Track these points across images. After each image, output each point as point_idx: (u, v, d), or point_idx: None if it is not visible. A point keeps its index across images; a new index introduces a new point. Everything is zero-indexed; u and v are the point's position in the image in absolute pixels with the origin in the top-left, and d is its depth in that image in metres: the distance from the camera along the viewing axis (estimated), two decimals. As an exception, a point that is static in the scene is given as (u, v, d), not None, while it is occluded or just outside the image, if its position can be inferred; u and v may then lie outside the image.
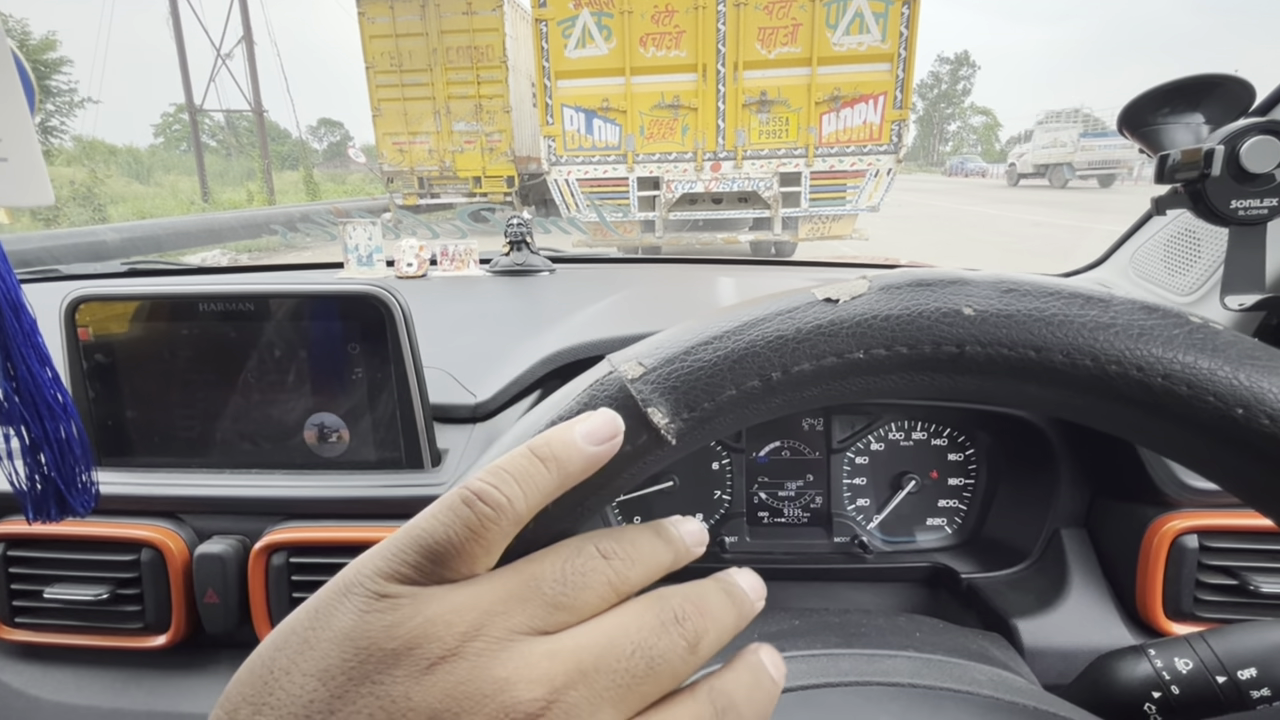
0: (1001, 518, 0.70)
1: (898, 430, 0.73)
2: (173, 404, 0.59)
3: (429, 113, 8.48)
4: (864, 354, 0.21)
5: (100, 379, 0.59)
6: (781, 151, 5.25)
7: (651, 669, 0.18)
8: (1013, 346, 0.20)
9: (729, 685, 0.20)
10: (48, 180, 0.38)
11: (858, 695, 0.34)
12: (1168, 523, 0.55)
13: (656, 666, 0.18)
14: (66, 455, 0.40)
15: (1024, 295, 0.21)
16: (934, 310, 0.21)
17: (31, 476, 0.40)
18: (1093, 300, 0.20)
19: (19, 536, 0.56)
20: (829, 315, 0.21)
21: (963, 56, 59.47)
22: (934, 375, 0.22)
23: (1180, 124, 0.59)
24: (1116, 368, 0.20)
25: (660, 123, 5.31)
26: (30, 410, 0.39)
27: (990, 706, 0.33)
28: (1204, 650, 0.40)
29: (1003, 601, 0.61)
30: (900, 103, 5.01)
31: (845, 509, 0.73)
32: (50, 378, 0.39)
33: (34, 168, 0.38)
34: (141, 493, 0.57)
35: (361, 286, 0.56)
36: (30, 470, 0.40)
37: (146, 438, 0.60)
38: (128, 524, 0.56)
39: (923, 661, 0.40)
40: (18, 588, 0.57)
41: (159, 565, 0.55)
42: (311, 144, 52.74)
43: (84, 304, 0.57)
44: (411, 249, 1.05)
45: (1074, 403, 0.21)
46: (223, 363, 0.58)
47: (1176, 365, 0.19)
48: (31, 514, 0.40)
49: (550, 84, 5.25)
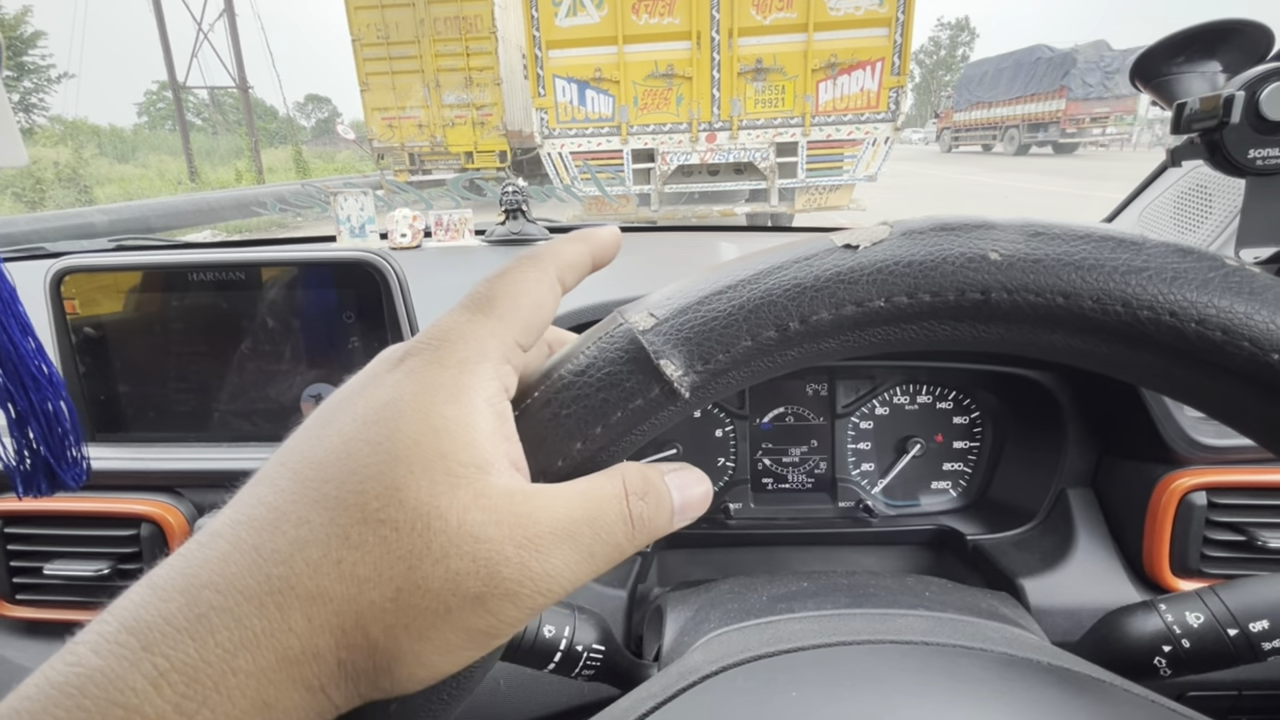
0: (1007, 479, 0.70)
1: (902, 394, 0.72)
2: (166, 377, 0.58)
3: (418, 86, 8.31)
4: (885, 302, 0.20)
5: (90, 353, 0.58)
6: (778, 121, 5.17)
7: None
8: (1040, 292, 0.19)
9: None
10: (20, 141, 0.37)
11: (872, 653, 0.34)
12: (1176, 480, 0.55)
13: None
14: (54, 428, 0.39)
15: (1053, 239, 0.20)
16: (959, 255, 0.20)
17: (20, 451, 0.39)
18: (1125, 243, 0.19)
19: (17, 513, 0.55)
20: (849, 262, 0.20)
21: (962, 22, 58.40)
22: (957, 324, 0.21)
23: (1196, 73, 0.57)
24: (1149, 313, 0.19)
25: (654, 93, 5.21)
26: (14, 382, 0.37)
27: (1004, 662, 0.33)
28: (1215, 604, 0.40)
29: (1009, 562, 0.61)
30: (898, 69, 4.92)
31: (850, 474, 0.73)
32: (33, 348, 0.38)
33: (6, 128, 0.36)
34: (139, 467, 0.56)
35: (355, 253, 0.54)
36: (19, 444, 0.39)
37: (141, 412, 0.59)
38: (127, 499, 0.55)
39: (934, 620, 0.39)
40: (18, 564, 0.56)
41: (159, 540, 0.55)
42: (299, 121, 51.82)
43: (69, 275, 0.56)
44: (405, 219, 1.02)
45: (1100, 351, 0.21)
46: (216, 334, 0.57)
47: (1211, 310, 0.18)
48: (21, 489, 0.39)
49: (541, 54, 5.13)
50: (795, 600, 0.44)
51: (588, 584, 0.57)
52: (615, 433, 0.20)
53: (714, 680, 0.32)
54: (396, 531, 0.15)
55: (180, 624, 0.14)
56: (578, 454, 0.20)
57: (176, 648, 0.14)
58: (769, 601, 0.45)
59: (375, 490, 0.16)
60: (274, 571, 0.15)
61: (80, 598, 0.56)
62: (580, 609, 0.43)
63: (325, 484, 0.16)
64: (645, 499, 0.19)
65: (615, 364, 0.20)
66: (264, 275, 0.56)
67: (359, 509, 0.15)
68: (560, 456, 0.20)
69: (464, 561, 0.15)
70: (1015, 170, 14.23)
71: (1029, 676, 0.31)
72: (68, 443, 0.39)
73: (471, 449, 0.17)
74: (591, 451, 0.20)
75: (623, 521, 0.18)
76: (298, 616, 0.15)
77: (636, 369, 0.20)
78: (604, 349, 0.20)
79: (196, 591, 0.15)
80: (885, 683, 0.30)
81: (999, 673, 0.31)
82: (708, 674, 0.32)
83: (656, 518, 0.19)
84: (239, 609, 0.14)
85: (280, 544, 0.15)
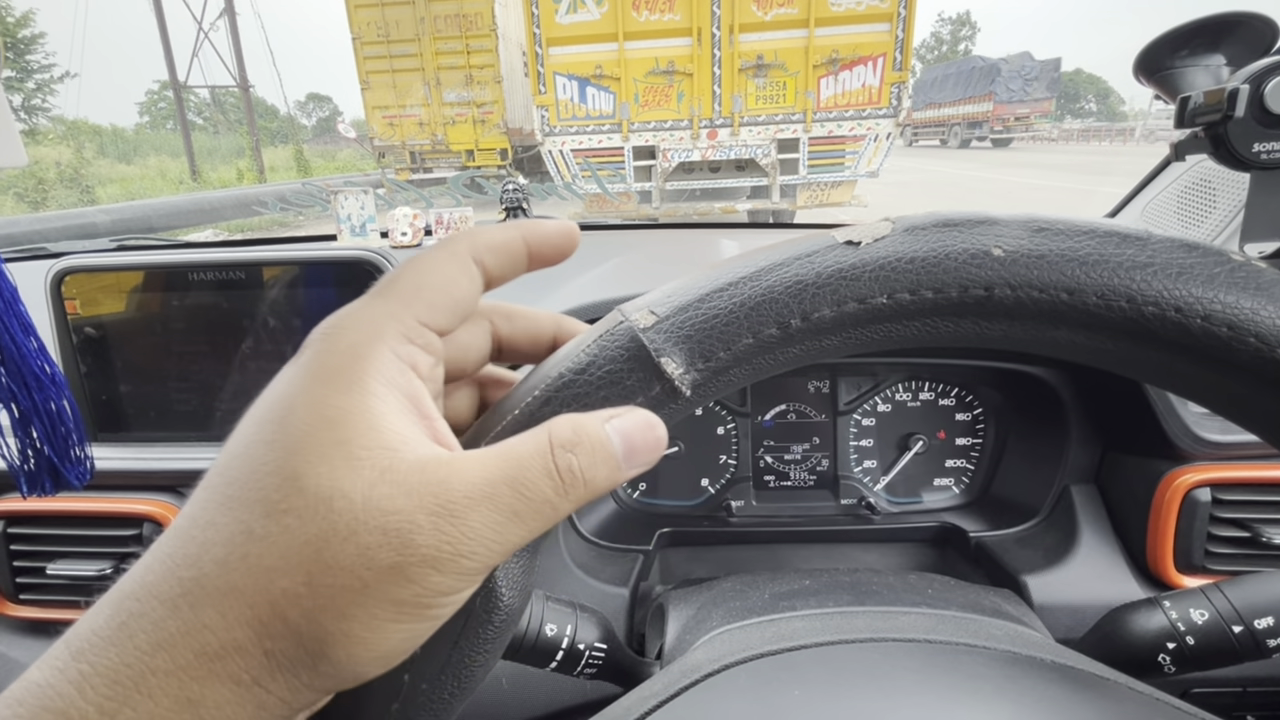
0: (1010, 476, 0.69)
1: (904, 391, 0.72)
2: (167, 377, 0.58)
3: (418, 84, 8.30)
4: (887, 298, 0.20)
5: (92, 353, 0.58)
6: (779, 117, 5.16)
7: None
8: (1044, 289, 0.19)
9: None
10: (19, 141, 0.37)
11: (874, 651, 0.34)
12: (1180, 476, 0.55)
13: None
14: (58, 428, 0.39)
15: (1057, 234, 0.20)
16: (961, 251, 0.20)
17: (24, 450, 0.39)
18: (1129, 238, 0.19)
19: (19, 514, 0.56)
20: (851, 259, 0.20)
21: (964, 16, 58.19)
22: (960, 320, 0.21)
23: (1200, 66, 0.57)
24: (1154, 309, 0.19)
25: (655, 90, 5.20)
26: (17, 382, 0.38)
27: (1008, 660, 0.32)
28: (1220, 600, 0.40)
29: (1011, 559, 0.61)
30: (900, 64, 4.90)
31: (852, 471, 0.73)
32: (35, 348, 0.38)
33: (5, 128, 0.36)
34: (140, 467, 0.56)
35: (356, 252, 0.54)
36: (22, 444, 0.39)
37: (142, 412, 0.59)
38: (129, 499, 0.55)
39: (937, 618, 0.39)
40: (20, 565, 0.56)
41: (162, 539, 0.55)
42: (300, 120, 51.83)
43: (70, 275, 0.56)
44: (405, 218, 1.02)
45: (1105, 347, 0.20)
46: (217, 334, 0.57)
47: (1217, 305, 0.18)
48: (26, 488, 0.39)
49: (541, 51, 5.13)
50: (797, 598, 0.44)
51: (588, 582, 0.58)
52: None
53: (716, 678, 0.32)
54: (300, 519, 0.15)
55: (104, 633, 0.15)
56: None
57: (100, 654, 0.15)
58: (771, 599, 0.45)
59: (274, 484, 0.16)
60: (185, 574, 0.15)
61: (83, 597, 0.56)
62: (582, 607, 0.43)
63: (229, 486, 0.16)
64: (576, 450, 0.18)
65: (616, 362, 0.20)
66: (265, 274, 0.56)
67: (261, 504, 0.16)
68: None
69: (373, 535, 0.15)
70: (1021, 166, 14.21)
71: (1032, 674, 0.30)
72: (71, 442, 0.39)
73: (373, 432, 0.17)
74: None
75: (548, 476, 0.18)
76: (211, 613, 0.15)
77: (637, 367, 0.20)
78: (604, 347, 0.20)
79: (119, 601, 0.15)
80: (888, 680, 0.30)
81: (1002, 670, 0.31)
82: (710, 672, 0.32)
83: (594, 469, 0.18)
84: (155, 613, 0.15)
85: (190, 548, 0.16)
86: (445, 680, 0.21)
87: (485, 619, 0.22)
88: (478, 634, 0.22)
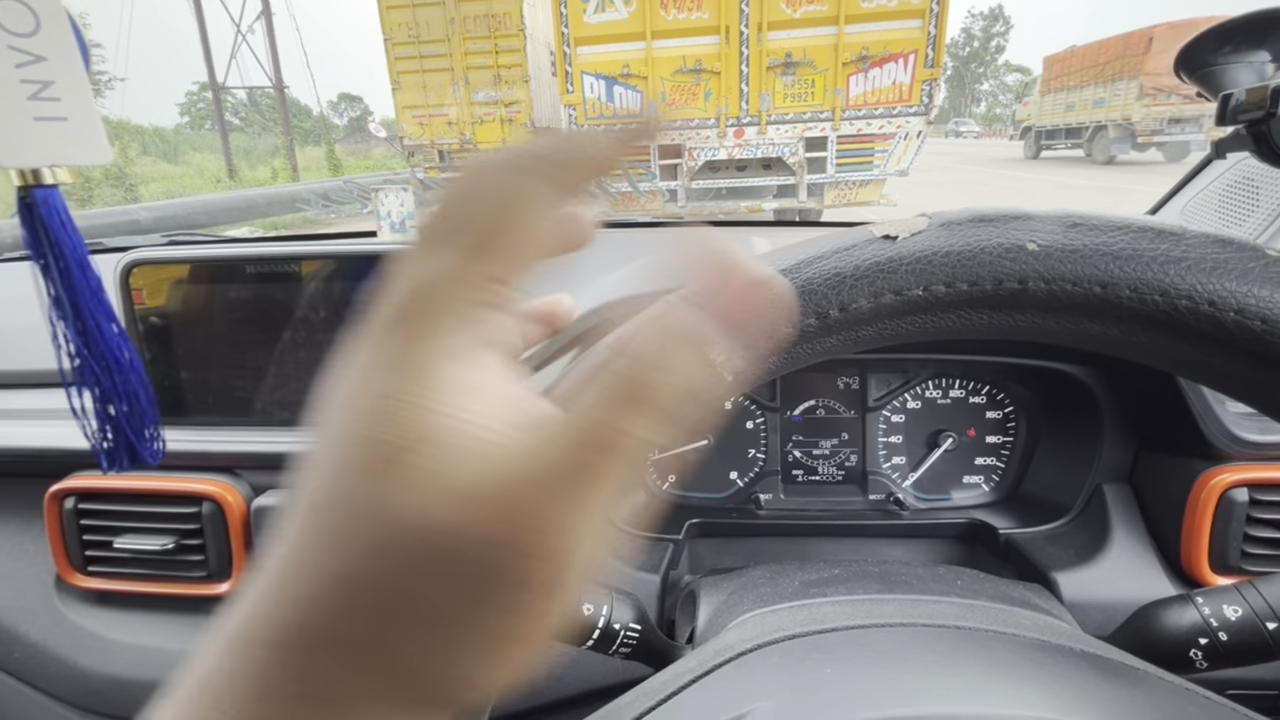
0: (1041, 474, 0.69)
1: (934, 388, 0.72)
2: (224, 364, 0.61)
3: (448, 84, 8.41)
4: (923, 291, 0.21)
5: (155, 341, 0.61)
6: (807, 115, 5.11)
7: None
8: (1078, 282, 0.20)
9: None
10: (105, 140, 0.39)
11: (904, 635, 0.34)
12: (1216, 476, 0.54)
13: None
14: (135, 408, 0.42)
15: (1090, 230, 0.20)
16: (996, 245, 0.20)
17: (103, 429, 0.42)
18: (1164, 234, 0.20)
19: (89, 490, 0.59)
20: (888, 252, 0.21)
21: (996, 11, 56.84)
22: (994, 313, 0.21)
23: (1243, 63, 0.56)
24: (1187, 303, 0.19)
25: (682, 88, 5.20)
26: (100, 365, 0.40)
27: (1036, 647, 0.33)
28: (1254, 597, 0.40)
29: (1042, 556, 0.61)
30: (931, 61, 4.83)
31: (880, 467, 0.73)
32: (116, 334, 0.41)
33: (93, 127, 0.39)
34: (200, 449, 0.59)
35: (404, 246, 0.57)
36: (102, 424, 0.42)
37: (201, 397, 0.62)
38: (189, 478, 0.58)
39: (966, 606, 0.40)
40: (89, 539, 0.60)
41: (219, 518, 0.58)
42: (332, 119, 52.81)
43: (137, 267, 0.59)
44: (443, 215, 1.05)
45: (1138, 340, 0.21)
46: (272, 323, 0.60)
47: (1251, 299, 0.19)
48: (106, 465, 0.42)
49: (569, 51, 5.16)
50: (828, 585, 0.45)
51: (622, 568, 0.59)
52: None
53: (749, 656, 0.33)
54: None
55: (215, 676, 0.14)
56: None
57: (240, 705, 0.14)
58: (801, 586, 0.46)
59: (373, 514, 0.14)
60: (295, 619, 0.14)
61: (146, 570, 0.60)
62: (617, 589, 0.45)
63: (327, 519, 0.15)
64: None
65: None
66: (316, 268, 0.59)
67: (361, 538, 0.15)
68: None
69: None
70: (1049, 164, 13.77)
71: (1061, 661, 0.31)
72: (146, 422, 0.42)
73: None
74: None
75: None
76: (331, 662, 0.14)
77: None
78: None
79: (229, 643, 0.15)
80: (918, 663, 0.31)
81: (1031, 656, 0.32)
82: (743, 651, 0.33)
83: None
84: (265, 656, 0.14)
85: (297, 591, 0.15)
86: None
87: None
88: None
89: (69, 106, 0.38)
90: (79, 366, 0.40)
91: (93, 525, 0.60)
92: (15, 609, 0.61)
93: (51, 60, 0.37)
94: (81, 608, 0.61)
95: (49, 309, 0.39)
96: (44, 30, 0.36)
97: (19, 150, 0.36)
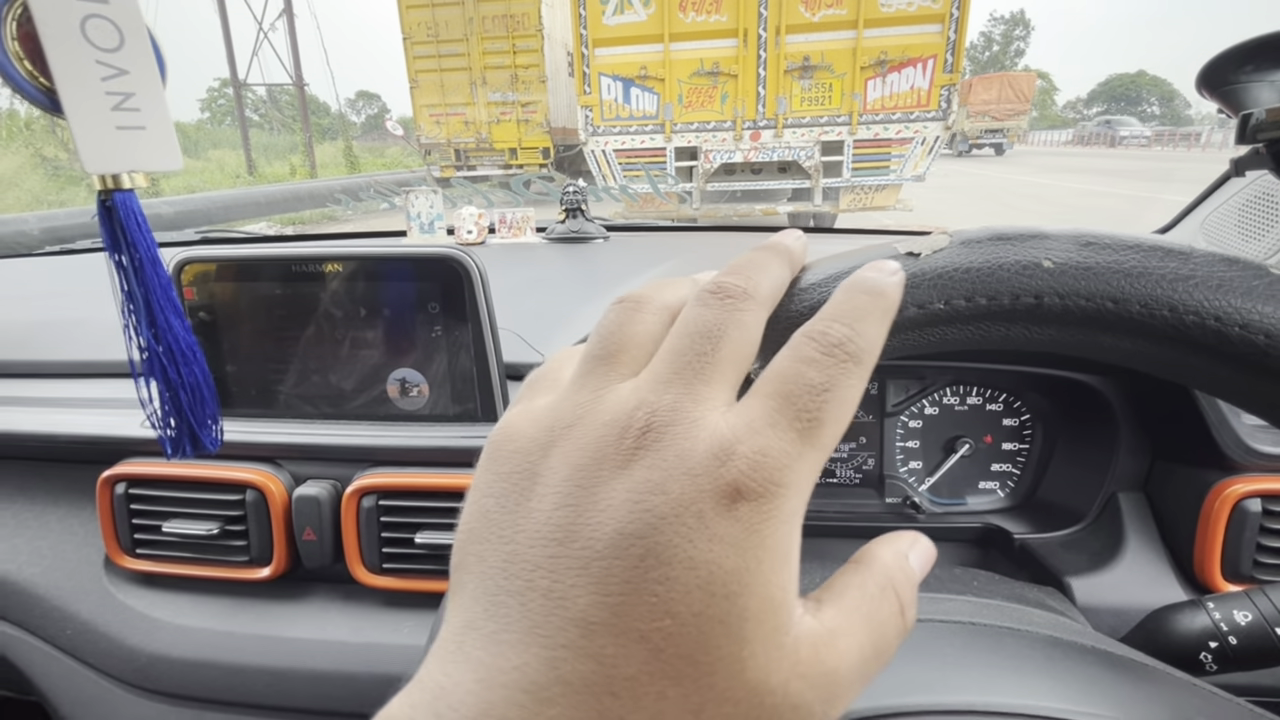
0: (1056, 481, 0.70)
1: (952, 395, 0.73)
2: (267, 359, 0.64)
3: (465, 84, 8.49)
4: (945, 305, 0.22)
5: (203, 335, 0.64)
6: (824, 119, 5.11)
7: None
8: (1091, 297, 0.21)
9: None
10: (178, 147, 0.42)
11: (919, 629, 0.35)
12: (1230, 486, 0.56)
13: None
14: (198, 398, 0.45)
15: (1103, 249, 0.21)
16: (1014, 263, 0.21)
17: (167, 418, 0.45)
18: (1173, 253, 0.21)
19: (139, 476, 0.62)
20: (912, 268, 0.22)
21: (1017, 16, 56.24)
22: (1010, 325, 0.22)
23: (1265, 82, 0.57)
24: (1194, 318, 0.20)
25: (699, 91, 5.21)
26: (168, 357, 0.43)
27: (1049, 643, 0.34)
28: (1264, 603, 0.41)
29: (1056, 561, 0.62)
30: (951, 66, 4.81)
31: (897, 471, 0.75)
32: (182, 327, 0.44)
33: (168, 136, 0.41)
34: (244, 439, 0.62)
35: (441, 249, 0.59)
36: (166, 412, 0.45)
37: (245, 390, 0.65)
38: (234, 467, 0.61)
39: (982, 604, 0.41)
40: (138, 522, 0.63)
41: (262, 505, 0.61)
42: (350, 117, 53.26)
43: (188, 265, 0.62)
44: (471, 216, 1.08)
45: (1148, 353, 0.22)
46: (311, 321, 0.63)
47: (1255, 315, 0.20)
48: (171, 452, 0.45)
49: (587, 52, 5.19)
50: None
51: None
52: None
53: None
54: (736, 709, 0.15)
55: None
56: None
57: None
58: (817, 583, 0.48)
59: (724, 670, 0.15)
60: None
61: (193, 554, 0.63)
62: None
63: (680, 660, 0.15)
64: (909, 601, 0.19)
65: None
66: (357, 268, 0.61)
67: (710, 689, 0.15)
68: None
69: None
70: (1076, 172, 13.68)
71: (1073, 656, 0.32)
72: (208, 412, 0.45)
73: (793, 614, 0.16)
74: None
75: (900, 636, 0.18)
76: None
77: None
78: None
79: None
80: (932, 656, 0.32)
81: (1043, 651, 0.33)
82: None
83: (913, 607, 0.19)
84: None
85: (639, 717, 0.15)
86: None
87: None
88: None
89: (147, 116, 0.40)
90: (148, 358, 0.43)
91: (141, 510, 0.63)
92: (66, 589, 0.64)
93: (133, 73, 0.39)
94: (129, 588, 0.64)
95: (122, 303, 0.42)
96: (127, 45, 0.39)
97: (103, 157, 0.39)
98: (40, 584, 0.64)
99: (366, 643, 0.59)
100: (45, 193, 10.59)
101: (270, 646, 0.60)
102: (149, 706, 0.61)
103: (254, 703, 0.60)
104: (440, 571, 0.59)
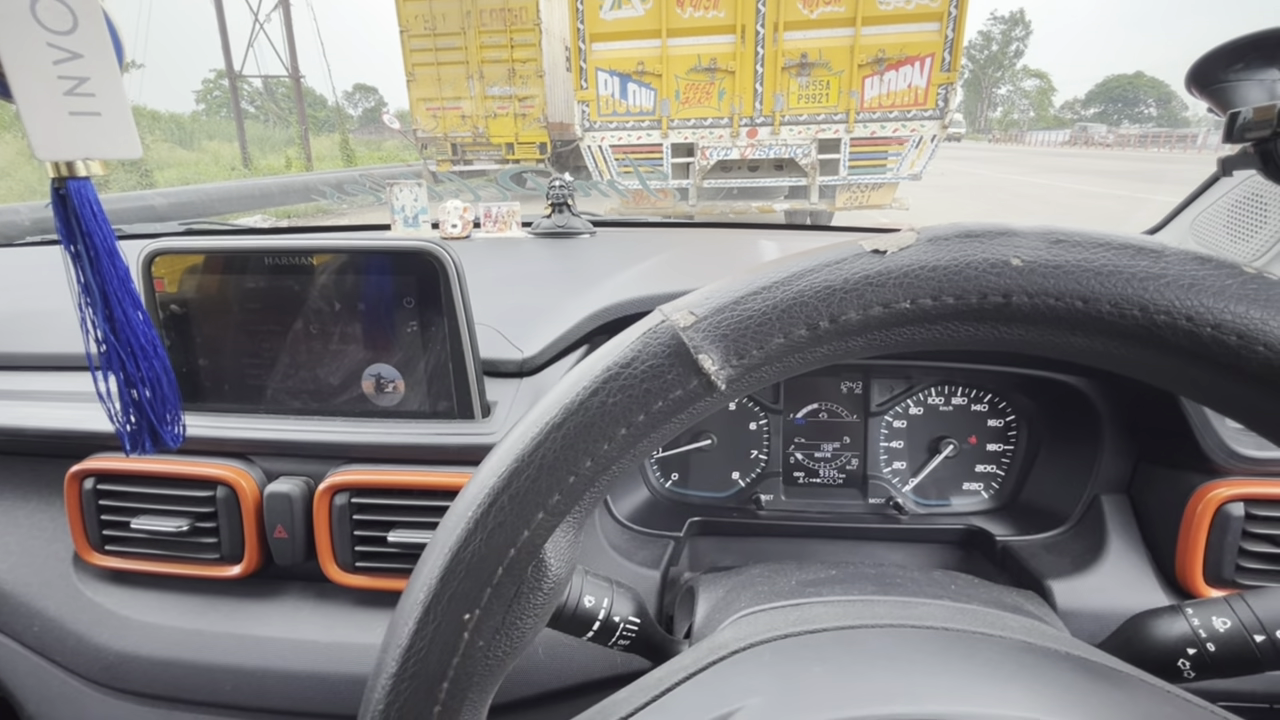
0: (1040, 483, 0.70)
1: (937, 395, 0.73)
2: (241, 353, 0.63)
3: (462, 77, 8.45)
4: (910, 304, 0.21)
5: (174, 328, 0.63)
6: (821, 117, 5.10)
7: None
8: (1060, 297, 0.20)
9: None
10: (136, 134, 0.41)
11: (893, 637, 0.35)
12: (1213, 490, 0.55)
13: None
14: (158, 393, 0.44)
15: (1073, 246, 0.21)
16: (981, 261, 0.21)
17: (127, 412, 0.44)
18: (1144, 251, 0.20)
19: (108, 472, 0.61)
20: (877, 266, 0.22)
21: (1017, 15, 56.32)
22: (979, 325, 0.22)
23: (1254, 80, 0.56)
24: (1165, 318, 0.19)
25: (696, 87, 5.19)
26: (126, 351, 0.42)
27: (1024, 649, 0.33)
28: (1243, 610, 0.40)
29: (1038, 563, 0.61)
30: (948, 65, 4.80)
31: (881, 471, 0.74)
32: (141, 320, 0.42)
33: (125, 122, 0.40)
34: (215, 434, 0.61)
35: (417, 243, 0.58)
36: (126, 407, 0.44)
37: (217, 384, 0.64)
38: (205, 463, 0.60)
39: (958, 609, 0.41)
40: (107, 519, 0.62)
41: (233, 502, 0.59)
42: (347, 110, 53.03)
43: (159, 256, 0.61)
44: (456, 210, 1.07)
45: (1119, 353, 0.21)
46: (287, 314, 0.61)
47: (1227, 315, 0.19)
48: (129, 447, 0.44)
49: (585, 47, 5.17)
50: (823, 586, 0.46)
51: (621, 563, 0.61)
52: (656, 420, 0.22)
53: (742, 655, 0.34)
54: None
55: None
56: (621, 439, 0.22)
57: None
58: (797, 586, 0.47)
59: None
60: None
61: (160, 550, 0.62)
62: (618, 583, 0.46)
63: None
64: None
65: (658, 357, 0.22)
66: (332, 261, 0.60)
67: None
68: (606, 440, 0.22)
69: None
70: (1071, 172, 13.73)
71: (1045, 662, 0.32)
72: (168, 407, 0.44)
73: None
74: (634, 437, 0.22)
75: None
76: None
77: (677, 362, 0.22)
78: (648, 343, 0.22)
79: None
80: (905, 663, 0.32)
81: (1016, 657, 0.32)
82: (736, 649, 0.34)
83: None
84: None
85: None
86: (500, 640, 0.24)
87: (536, 586, 0.25)
88: (529, 599, 0.25)
89: (103, 101, 0.39)
90: (105, 352, 0.42)
91: (111, 506, 0.62)
92: (34, 585, 0.63)
93: (88, 57, 0.38)
94: (98, 585, 0.63)
95: (78, 295, 0.41)
96: (81, 28, 0.38)
97: (55, 144, 0.37)
98: (7, 580, 0.63)
99: (338, 642, 0.58)
100: (39, 183, 10.52)
101: (241, 645, 0.59)
102: (117, 705, 0.60)
103: (224, 702, 0.59)
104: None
